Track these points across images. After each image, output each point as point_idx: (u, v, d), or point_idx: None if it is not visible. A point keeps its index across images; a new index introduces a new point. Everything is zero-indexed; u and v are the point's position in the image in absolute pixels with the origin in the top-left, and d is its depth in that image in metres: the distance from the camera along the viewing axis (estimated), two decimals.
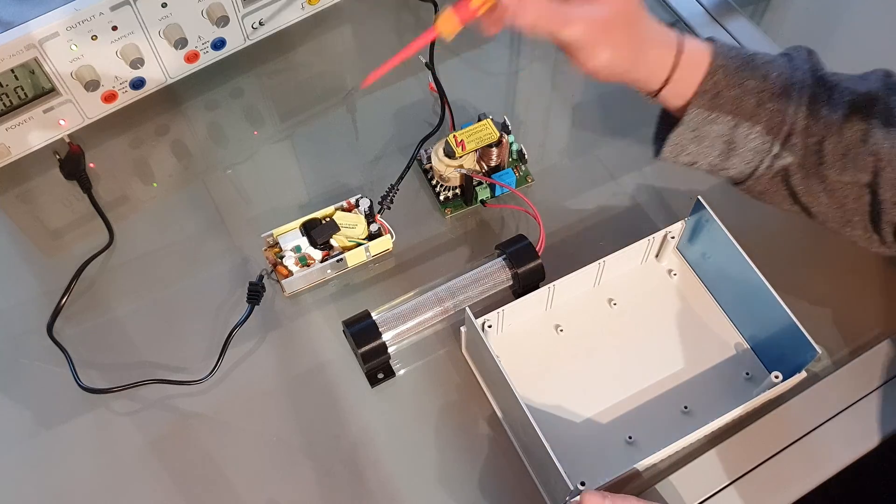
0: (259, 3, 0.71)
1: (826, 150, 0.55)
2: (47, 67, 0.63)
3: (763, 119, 0.55)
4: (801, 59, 0.56)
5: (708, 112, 0.55)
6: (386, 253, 0.66)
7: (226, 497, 0.57)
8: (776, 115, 0.55)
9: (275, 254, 0.63)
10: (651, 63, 0.54)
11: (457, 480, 0.57)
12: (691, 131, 0.56)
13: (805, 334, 0.54)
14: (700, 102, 0.55)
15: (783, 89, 0.55)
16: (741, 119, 0.55)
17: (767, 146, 0.56)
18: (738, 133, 0.56)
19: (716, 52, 0.55)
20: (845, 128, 0.55)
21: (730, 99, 0.55)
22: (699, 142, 0.57)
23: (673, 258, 0.65)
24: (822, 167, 0.55)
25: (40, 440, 0.59)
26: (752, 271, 0.57)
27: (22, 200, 0.70)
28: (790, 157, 0.56)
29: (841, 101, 0.55)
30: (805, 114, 0.55)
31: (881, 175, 0.54)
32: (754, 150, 0.56)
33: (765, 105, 0.55)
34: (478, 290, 0.61)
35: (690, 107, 0.55)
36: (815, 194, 0.57)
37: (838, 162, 0.55)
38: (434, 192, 0.69)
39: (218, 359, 0.60)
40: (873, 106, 0.55)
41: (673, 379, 0.59)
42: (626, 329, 0.62)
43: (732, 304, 0.62)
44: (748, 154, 0.56)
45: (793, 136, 0.55)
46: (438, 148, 0.67)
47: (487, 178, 0.66)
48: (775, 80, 0.55)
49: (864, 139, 0.54)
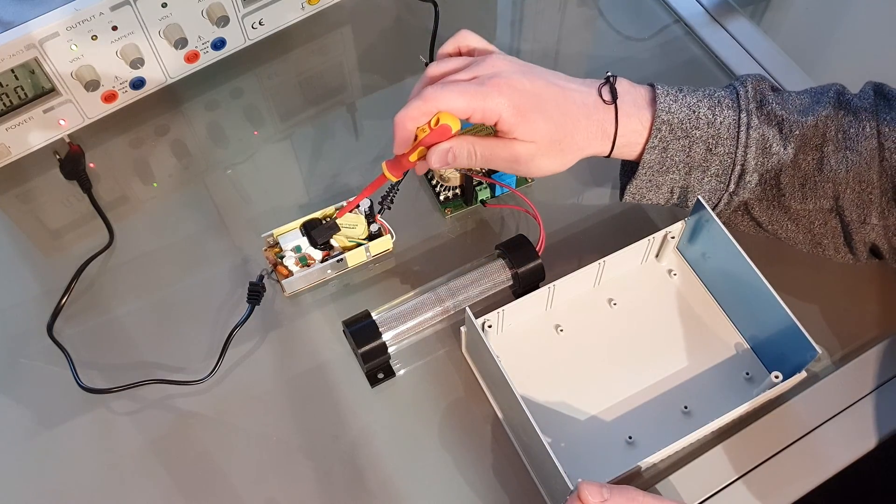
0: (259, 3, 0.71)
1: (783, 182, 0.56)
2: (47, 67, 0.63)
3: (714, 163, 0.56)
4: (745, 98, 0.56)
5: (659, 165, 0.57)
6: (386, 253, 0.66)
7: (226, 497, 0.57)
8: (727, 159, 0.56)
9: (275, 254, 0.63)
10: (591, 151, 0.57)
11: (456, 480, 0.57)
12: (647, 181, 0.58)
13: (805, 334, 0.54)
14: (650, 158, 0.57)
15: (731, 132, 0.55)
16: (693, 166, 0.57)
17: (723, 186, 0.57)
18: (691, 179, 0.57)
19: (658, 107, 0.55)
20: (799, 159, 0.55)
21: (678, 150, 0.56)
22: (657, 189, 0.59)
23: (673, 258, 0.65)
24: (783, 199, 0.56)
25: (40, 440, 0.59)
26: (752, 271, 0.57)
27: (22, 200, 0.70)
28: (747, 194, 0.57)
29: (791, 136, 0.55)
30: (755, 153, 0.55)
31: (842, 198, 0.55)
32: (710, 191, 0.58)
33: (714, 150, 0.56)
34: (478, 290, 0.61)
35: (641, 162, 0.57)
36: (780, 223, 0.58)
37: (798, 192, 0.56)
38: (434, 192, 0.69)
39: (218, 359, 0.60)
40: (825, 133, 0.55)
41: (673, 379, 0.59)
42: (627, 329, 0.62)
43: (732, 304, 0.62)
44: (705, 195, 0.58)
45: (745, 174, 0.56)
46: None
47: (487, 178, 0.66)
48: (720, 125, 0.56)
49: (819, 168, 0.55)
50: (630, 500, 0.47)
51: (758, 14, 0.84)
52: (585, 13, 0.82)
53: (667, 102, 0.56)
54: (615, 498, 0.46)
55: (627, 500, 0.47)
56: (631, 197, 0.60)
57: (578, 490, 0.47)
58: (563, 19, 0.58)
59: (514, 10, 0.83)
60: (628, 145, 0.57)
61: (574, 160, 0.57)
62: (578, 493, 0.47)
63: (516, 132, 0.54)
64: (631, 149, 0.57)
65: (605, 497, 0.46)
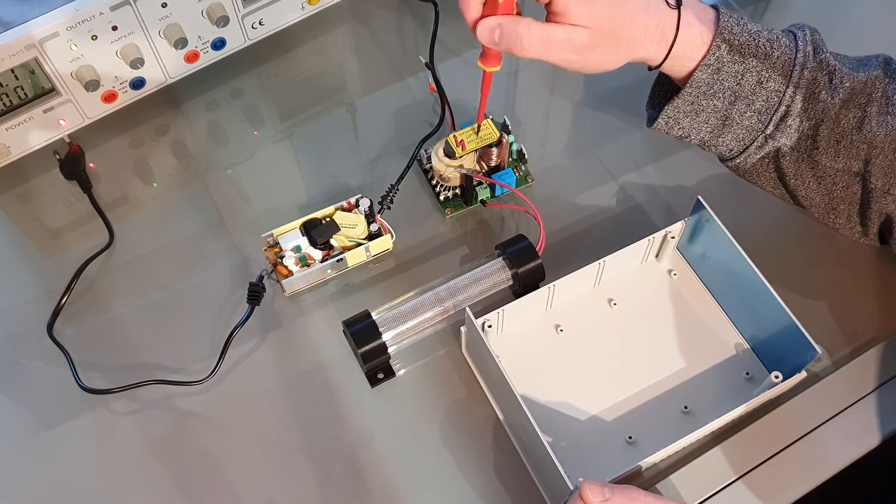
0: (259, 3, 0.71)
1: (821, 134, 0.55)
2: (47, 67, 0.63)
3: (761, 98, 0.54)
4: (803, 40, 0.55)
5: (708, 86, 0.54)
6: (386, 253, 0.66)
7: (226, 497, 0.57)
8: (774, 96, 0.54)
9: (275, 254, 0.63)
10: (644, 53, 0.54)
11: (456, 480, 0.57)
12: (689, 105, 0.55)
13: (805, 334, 0.54)
14: (701, 76, 0.54)
15: (784, 70, 0.54)
16: (740, 96, 0.55)
17: (762, 126, 0.55)
18: (734, 110, 0.55)
19: (721, 25, 0.53)
20: (841, 114, 0.54)
21: (731, 74, 0.54)
22: (694, 116, 0.56)
23: (673, 258, 0.65)
24: (816, 152, 0.55)
25: (40, 440, 0.59)
26: (752, 271, 0.57)
27: (22, 200, 0.70)
28: (783, 139, 0.56)
29: (840, 87, 0.54)
30: (803, 96, 0.54)
31: (873, 163, 0.54)
32: (748, 129, 0.56)
33: (764, 84, 0.54)
34: (478, 289, 0.61)
35: (691, 80, 0.54)
36: (804, 178, 0.57)
37: (832, 148, 0.55)
38: (434, 192, 0.69)
39: (218, 359, 0.60)
40: (872, 92, 0.54)
41: (673, 379, 0.59)
42: (627, 329, 0.62)
43: (732, 304, 0.62)
44: (741, 132, 0.56)
45: (788, 117, 0.54)
46: (438, 148, 0.67)
47: (487, 178, 0.66)
48: (777, 59, 0.54)
49: (859, 126, 0.54)
50: (632, 500, 0.47)
51: (758, 14, 0.83)
52: None
53: (729, 23, 0.54)
54: (617, 497, 0.46)
55: (629, 499, 0.46)
56: (664, 122, 0.57)
57: (580, 489, 0.46)
58: None
59: None
60: (682, 58, 0.54)
61: (627, 58, 0.54)
62: (580, 493, 0.46)
63: (572, 13, 0.51)
64: (683, 63, 0.54)
65: (606, 497, 0.46)
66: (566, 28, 0.51)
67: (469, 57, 0.78)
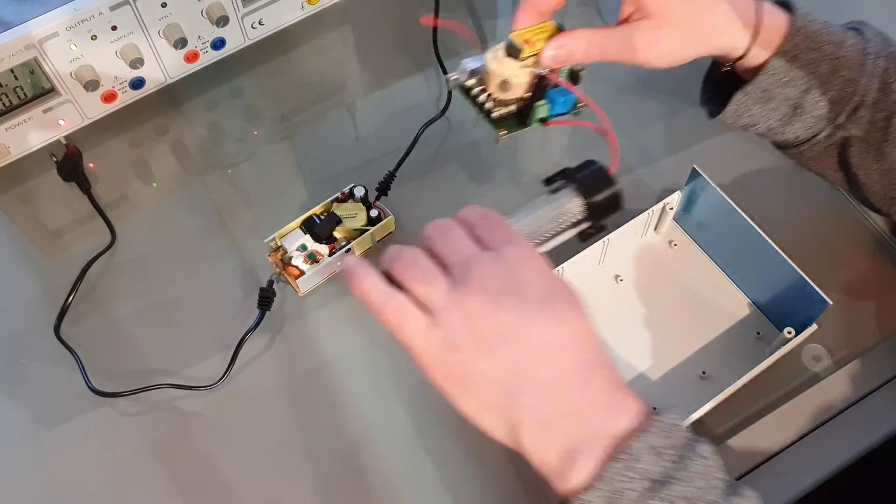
0: (259, 3, 0.71)
1: (893, 126, 0.54)
2: (47, 67, 0.63)
3: (835, 87, 0.53)
4: (872, 32, 0.54)
5: (783, 74, 0.53)
6: (390, 236, 0.66)
7: (230, 498, 0.57)
8: (848, 85, 0.53)
9: (280, 257, 0.63)
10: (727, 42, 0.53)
11: (458, 480, 0.57)
12: (761, 92, 0.54)
13: (813, 286, 0.54)
14: (777, 63, 0.53)
15: (858, 59, 0.53)
16: (814, 84, 0.53)
17: (833, 115, 0.54)
18: (807, 98, 0.54)
19: (798, 12, 0.53)
20: None
21: (806, 62, 0.53)
22: (765, 103, 0.55)
23: (672, 229, 0.65)
24: (886, 144, 0.54)
25: (45, 442, 0.59)
26: (753, 230, 0.57)
27: (22, 200, 0.70)
28: (854, 130, 0.54)
29: None
30: (877, 87, 0.53)
31: None
32: (818, 118, 0.55)
33: (839, 73, 0.53)
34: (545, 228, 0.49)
35: (766, 67, 0.53)
36: (868, 169, 0.56)
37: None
38: (483, 112, 0.54)
39: (229, 365, 0.60)
40: None
41: (686, 348, 0.60)
42: (635, 304, 0.62)
43: (735, 268, 0.62)
44: (811, 121, 0.55)
45: (861, 108, 0.53)
46: (497, 50, 0.52)
47: (570, 83, 0.53)
48: (850, 48, 0.53)
49: None
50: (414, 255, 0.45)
51: None
52: (585, 13, 0.82)
53: (805, 10, 0.53)
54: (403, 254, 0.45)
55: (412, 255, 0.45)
56: (734, 111, 0.55)
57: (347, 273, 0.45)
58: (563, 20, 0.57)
59: (514, 11, 0.83)
60: (762, 45, 0.53)
61: (702, 50, 0.52)
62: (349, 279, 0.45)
63: None
64: (761, 50, 0.53)
65: None
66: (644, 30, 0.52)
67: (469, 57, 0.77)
